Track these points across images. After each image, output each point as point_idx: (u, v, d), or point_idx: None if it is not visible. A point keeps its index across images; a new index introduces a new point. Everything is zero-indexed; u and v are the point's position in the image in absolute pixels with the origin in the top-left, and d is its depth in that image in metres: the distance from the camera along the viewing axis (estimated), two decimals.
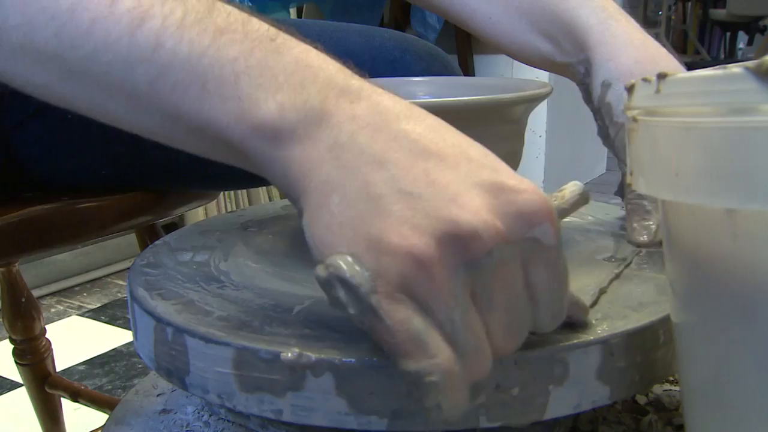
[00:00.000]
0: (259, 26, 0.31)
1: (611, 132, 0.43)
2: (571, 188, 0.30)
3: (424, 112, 0.30)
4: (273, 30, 0.31)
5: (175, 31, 0.30)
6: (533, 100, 0.39)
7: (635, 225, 0.41)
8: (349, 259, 0.26)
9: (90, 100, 0.32)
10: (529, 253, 0.26)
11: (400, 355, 0.25)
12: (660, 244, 0.30)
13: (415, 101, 0.40)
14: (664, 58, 0.44)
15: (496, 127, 0.38)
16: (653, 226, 0.40)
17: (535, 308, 0.27)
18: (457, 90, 0.46)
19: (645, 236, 0.40)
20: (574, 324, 0.30)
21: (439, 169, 0.27)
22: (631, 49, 0.44)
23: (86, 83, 0.31)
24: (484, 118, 0.37)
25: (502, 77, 0.50)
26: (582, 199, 0.30)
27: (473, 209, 0.26)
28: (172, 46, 0.29)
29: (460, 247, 0.25)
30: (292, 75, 0.30)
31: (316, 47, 0.32)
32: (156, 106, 0.31)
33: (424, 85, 0.47)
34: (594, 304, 0.32)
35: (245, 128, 0.29)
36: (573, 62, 0.49)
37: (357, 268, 0.25)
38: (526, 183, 0.27)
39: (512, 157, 0.41)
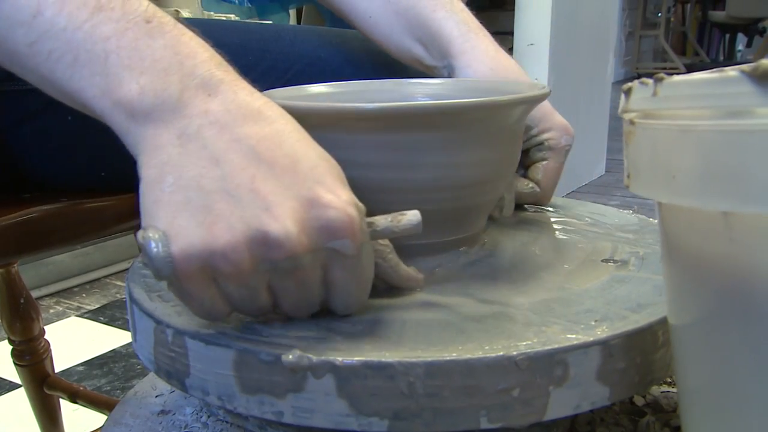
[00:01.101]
0: (137, 6, 0.33)
1: None
2: (410, 216, 0.33)
3: (278, 115, 0.32)
4: (150, 12, 0.33)
5: (55, 1, 0.32)
6: (531, 102, 0.39)
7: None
8: (156, 236, 0.29)
9: None
10: (329, 258, 0.30)
11: (191, 310, 0.31)
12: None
13: (415, 103, 0.40)
14: (513, 68, 0.51)
15: (494, 128, 0.38)
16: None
17: (330, 298, 0.32)
18: (456, 92, 0.47)
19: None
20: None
21: (264, 177, 0.30)
22: (486, 59, 0.50)
23: None
24: (482, 120, 0.37)
25: (502, 80, 0.51)
26: (414, 229, 0.33)
27: (282, 220, 0.29)
28: (51, 16, 0.32)
29: (265, 250, 0.29)
30: (159, 61, 0.32)
31: (192, 34, 0.34)
32: (34, 68, 0.33)
33: (424, 87, 0.48)
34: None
35: (108, 102, 0.32)
36: (439, 66, 0.53)
37: (161, 248, 0.29)
38: (340, 200, 0.30)
39: (510, 158, 0.41)
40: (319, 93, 0.46)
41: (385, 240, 0.35)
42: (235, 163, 0.30)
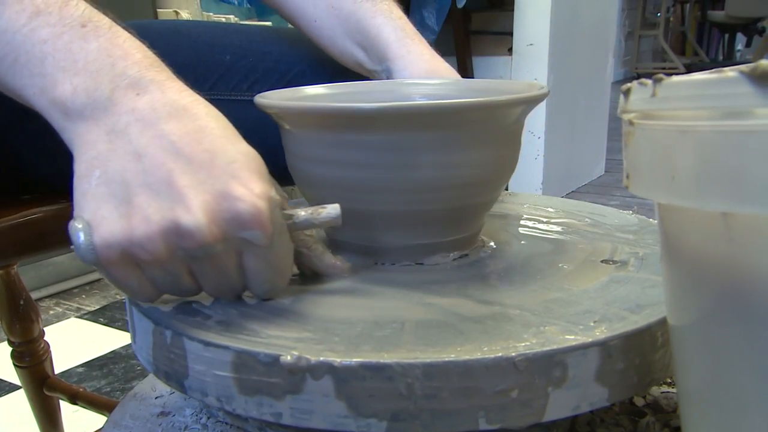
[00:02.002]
0: (74, 10, 0.36)
1: None
2: (330, 210, 0.35)
3: (203, 113, 0.34)
4: (86, 16, 0.36)
5: None
6: (530, 102, 0.39)
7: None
8: (80, 225, 0.32)
9: None
10: (242, 247, 0.33)
11: (123, 293, 0.35)
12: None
13: (413, 103, 0.40)
14: (447, 71, 0.53)
15: (492, 128, 0.38)
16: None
17: (248, 283, 0.34)
18: (454, 92, 0.47)
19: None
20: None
21: (182, 172, 0.32)
22: (422, 62, 0.53)
23: None
24: (480, 120, 0.37)
25: (500, 80, 0.51)
26: (333, 221, 0.35)
27: (194, 212, 0.31)
28: None
29: (178, 240, 0.32)
30: (92, 62, 0.34)
31: (128, 35, 0.36)
32: None
33: (422, 87, 0.48)
34: None
35: (45, 101, 0.34)
36: (378, 70, 0.56)
37: (84, 237, 0.32)
38: (252, 193, 0.32)
39: (509, 159, 0.41)
40: (316, 94, 0.46)
41: (312, 230, 0.37)
42: (156, 158, 0.32)
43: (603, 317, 0.31)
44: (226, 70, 0.68)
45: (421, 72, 0.52)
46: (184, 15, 1.60)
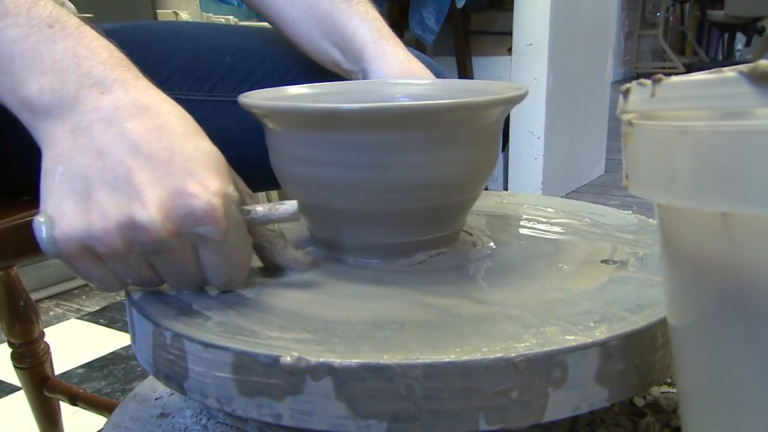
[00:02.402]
0: (42, 11, 0.36)
1: None
2: (287, 206, 0.37)
3: (165, 111, 0.35)
4: (54, 16, 0.37)
5: None
6: (510, 103, 0.40)
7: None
8: (43, 219, 0.34)
9: None
10: (198, 241, 0.34)
11: (90, 284, 0.36)
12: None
13: (395, 104, 0.41)
14: (422, 71, 0.54)
15: (473, 128, 0.39)
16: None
17: (206, 275, 0.36)
18: (435, 93, 0.48)
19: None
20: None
21: (140, 169, 0.33)
22: (397, 63, 0.53)
23: None
24: (461, 120, 0.38)
25: (479, 80, 0.51)
26: (291, 217, 0.37)
27: (149, 209, 0.32)
28: None
29: (133, 234, 0.33)
30: (58, 62, 0.36)
31: (96, 35, 0.37)
32: None
33: (403, 87, 0.49)
34: None
35: (14, 99, 0.36)
36: (354, 70, 0.56)
37: (45, 230, 0.33)
38: (206, 190, 0.33)
39: (490, 158, 0.41)
40: (300, 94, 0.46)
41: (274, 225, 0.39)
42: (116, 156, 0.34)
43: (603, 317, 0.31)
44: (227, 71, 0.68)
45: (396, 72, 0.53)
46: (184, 16, 1.60)
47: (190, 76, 0.67)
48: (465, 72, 2.26)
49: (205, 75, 0.67)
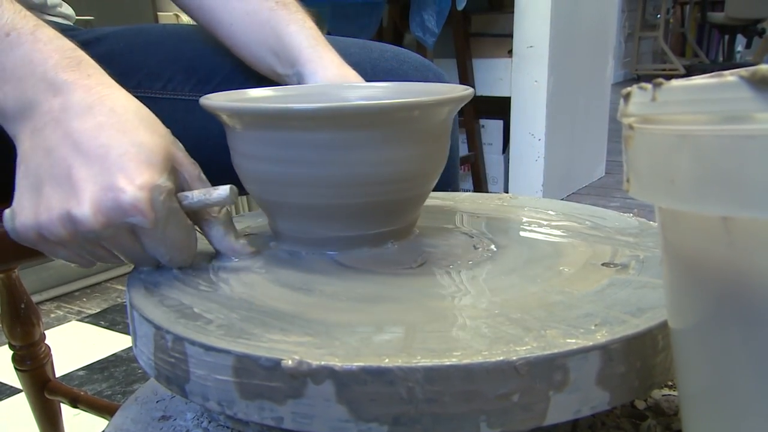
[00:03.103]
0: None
1: None
2: (221, 190, 0.40)
3: (106, 110, 0.39)
4: (9, 24, 0.40)
5: None
6: (457, 102, 0.43)
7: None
8: (7, 211, 0.40)
9: None
10: (134, 229, 0.38)
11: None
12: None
13: (349, 103, 0.44)
14: (355, 77, 0.56)
15: (422, 126, 0.41)
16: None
17: (150, 255, 0.40)
18: (389, 94, 0.50)
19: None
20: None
21: (80, 166, 0.37)
22: (332, 67, 0.56)
23: None
24: (411, 119, 0.40)
25: (429, 83, 0.53)
26: (224, 201, 0.40)
27: (83, 203, 0.37)
28: None
29: (72, 226, 0.37)
30: (18, 69, 0.39)
31: (50, 36, 0.41)
32: None
33: (359, 90, 0.51)
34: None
35: None
36: (290, 74, 0.59)
37: (9, 221, 0.40)
38: (133, 184, 0.37)
39: (440, 154, 0.44)
40: (261, 96, 0.49)
41: (220, 212, 0.42)
42: (61, 154, 0.38)
43: (604, 321, 0.31)
44: (229, 72, 0.68)
45: (330, 77, 0.55)
46: (185, 18, 1.60)
47: (193, 77, 0.67)
48: (465, 74, 2.26)
49: (208, 76, 0.68)
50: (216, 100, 0.43)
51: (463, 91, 0.43)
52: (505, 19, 2.29)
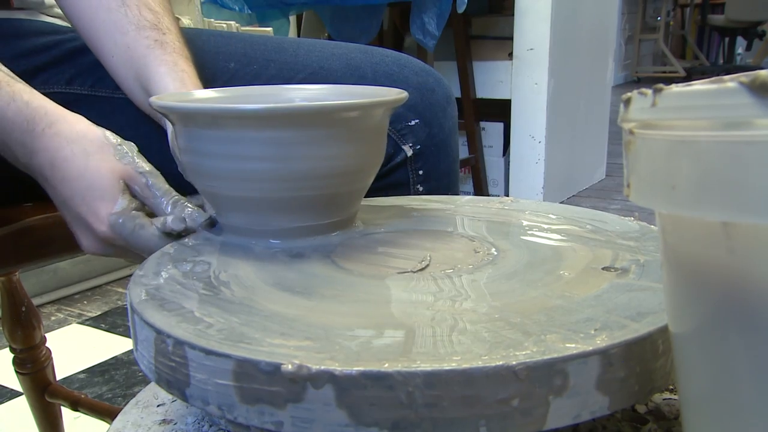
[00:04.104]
0: None
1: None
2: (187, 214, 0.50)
3: (59, 179, 0.50)
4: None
5: None
6: (391, 105, 0.46)
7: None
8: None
9: None
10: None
11: None
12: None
13: (290, 105, 0.48)
14: None
15: (360, 126, 0.45)
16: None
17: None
18: (329, 96, 0.53)
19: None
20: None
21: (70, 219, 0.52)
22: None
23: None
24: (349, 119, 0.44)
25: (367, 86, 0.55)
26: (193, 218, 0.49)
27: (83, 243, 0.52)
28: None
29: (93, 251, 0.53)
30: (13, 132, 0.51)
31: (7, 98, 0.51)
32: None
33: (302, 92, 0.54)
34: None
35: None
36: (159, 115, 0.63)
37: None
38: (99, 220, 0.49)
39: (377, 151, 0.48)
40: (206, 98, 0.52)
41: (164, 187, 0.51)
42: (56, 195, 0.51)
43: (604, 325, 0.31)
44: (231, 77, 0.69)
45: None
46: (186, 21, 1.60)
47: None
48: (466, 77, 2.26)
49: (209, 80, 0.68)
50: (167, 101, 0.46)
51: (397, 95, 0.47)
52: (506, 21, 2.30)
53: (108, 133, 0.52)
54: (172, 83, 0.58)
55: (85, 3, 0.62)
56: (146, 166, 0.51)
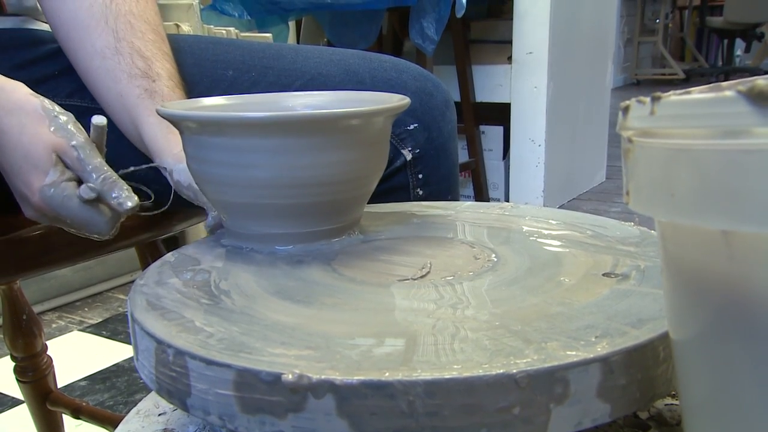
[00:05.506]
0: None
1: (191, 195, 0.56)
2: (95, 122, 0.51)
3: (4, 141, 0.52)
4: None
5: None
6: (393, 112, 0.46)
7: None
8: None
9: None
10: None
11: None
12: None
13: (294, 113, 0.48)
14: None
15: (362, 133, 0.46)
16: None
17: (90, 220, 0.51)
18: (331, 103, 0.53)
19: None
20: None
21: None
22: (177, 155, 0.58)
23: None
24: (351, 126, 0.45)
25: (367, 92, 0.55)
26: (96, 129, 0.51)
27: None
28: None
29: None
30: None
31: None
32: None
33: (304, 99, 0.54)
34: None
35: None
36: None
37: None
38: (31, 191, 0.51)
39: (379, 158, 0.49)
40: (213, 105, 0.53)
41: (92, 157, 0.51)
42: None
43: (604, 332, 0.31)
44: (229, 84, 0.69)
45: (174, 162, 0.58)
46: (185, 27, 1.60)
47: (194, 90, 0.68)
48: (465, 81, 2.27)
49: (208, 88, 0.68)
50: (176, 109, 0.47)
51: (400, 101, 0.47)
52: (505, 25, 2.30)
53: (47, 102, 0.52)
54: (160, 132, 0.59)
55: (81, 51, 0.63)
56: (81, 138, 0.51)
